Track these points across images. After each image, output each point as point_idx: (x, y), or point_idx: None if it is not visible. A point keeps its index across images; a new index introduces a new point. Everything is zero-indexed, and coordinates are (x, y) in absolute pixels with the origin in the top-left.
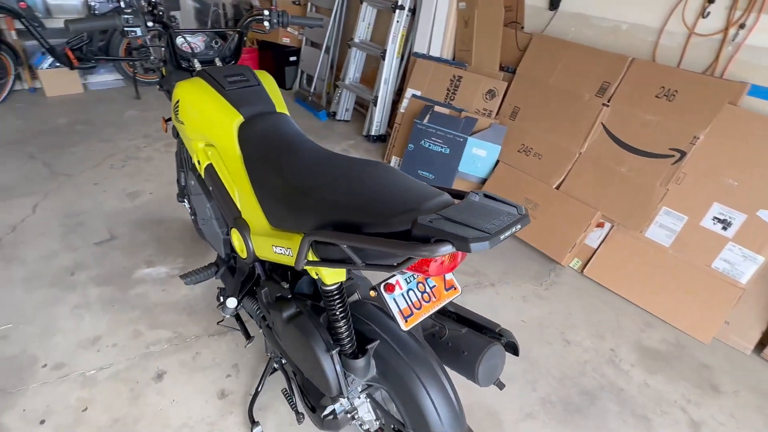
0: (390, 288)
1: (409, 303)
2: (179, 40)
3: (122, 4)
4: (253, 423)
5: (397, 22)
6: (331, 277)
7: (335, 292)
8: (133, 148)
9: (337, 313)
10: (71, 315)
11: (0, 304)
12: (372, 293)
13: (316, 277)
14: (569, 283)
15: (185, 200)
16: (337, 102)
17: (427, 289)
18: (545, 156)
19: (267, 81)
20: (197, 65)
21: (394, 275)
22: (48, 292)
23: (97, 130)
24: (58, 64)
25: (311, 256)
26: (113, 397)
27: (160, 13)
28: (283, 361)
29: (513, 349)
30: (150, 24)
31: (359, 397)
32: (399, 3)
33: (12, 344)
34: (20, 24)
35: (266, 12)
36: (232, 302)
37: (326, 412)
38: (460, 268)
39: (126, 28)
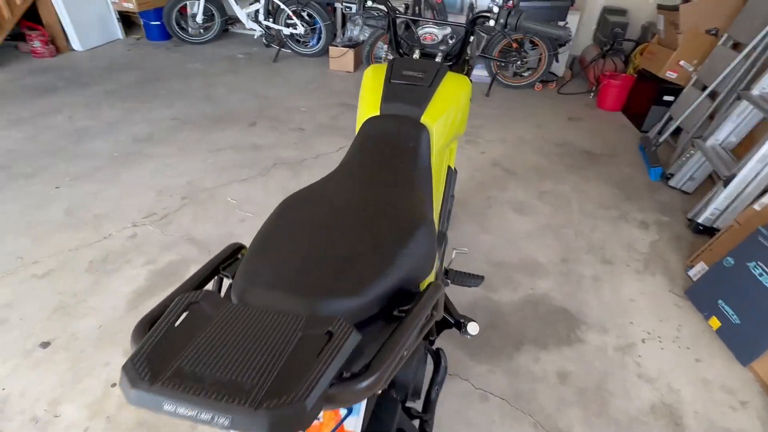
0: None
1: None
2: (420, 30)
3: None
4: None
5: None
6: None
7: None
8: None
9: None
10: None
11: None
12: None
13: None
14: None
15: None
16: (682, 164)
17: None
18: None
19: (450, 86)
20: (416, 55)
21: None
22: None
23: None
24: None
25: None
26: None
27: None
28: None
29: None
30: (369, 3)
31: None
32: None
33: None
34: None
35: (495, 8)
36: None
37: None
38: None
39: (345, 3)
